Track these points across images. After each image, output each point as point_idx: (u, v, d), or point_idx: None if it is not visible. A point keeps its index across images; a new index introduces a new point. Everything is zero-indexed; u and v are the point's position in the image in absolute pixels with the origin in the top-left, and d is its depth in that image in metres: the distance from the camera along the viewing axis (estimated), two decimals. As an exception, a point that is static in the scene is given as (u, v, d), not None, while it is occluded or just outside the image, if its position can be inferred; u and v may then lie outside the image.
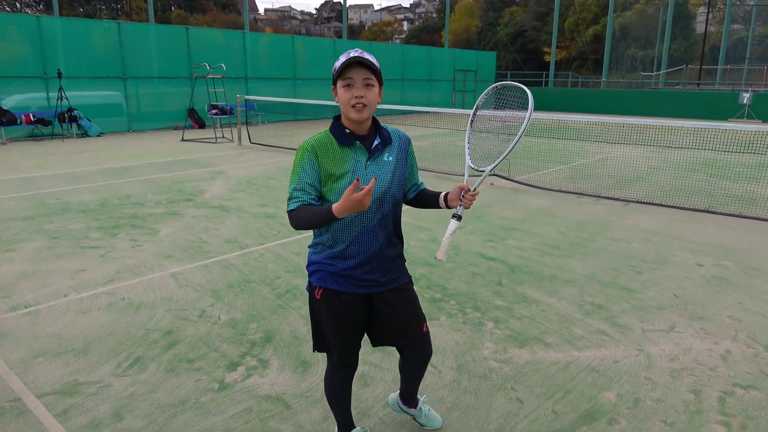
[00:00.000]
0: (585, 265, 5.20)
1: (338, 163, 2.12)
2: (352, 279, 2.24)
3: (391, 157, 2.22)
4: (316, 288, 2.27)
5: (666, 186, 9.02)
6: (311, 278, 2.30)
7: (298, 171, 2.13)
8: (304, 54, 22.56)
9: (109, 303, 4.28)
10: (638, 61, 46.18)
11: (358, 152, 2.16)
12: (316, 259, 2.28)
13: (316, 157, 2.12)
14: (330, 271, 2.24)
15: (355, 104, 2.05)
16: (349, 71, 2.04)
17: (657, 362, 3.45)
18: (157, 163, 11.24)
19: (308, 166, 2.12)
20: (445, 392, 3.12)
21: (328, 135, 2.16)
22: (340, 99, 2.09)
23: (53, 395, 3.05)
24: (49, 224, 6.45)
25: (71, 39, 16.01)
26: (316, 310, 2.33)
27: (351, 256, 2.22)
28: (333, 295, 2.26)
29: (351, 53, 2.03)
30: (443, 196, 2.34)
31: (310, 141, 2.16)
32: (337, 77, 2.07)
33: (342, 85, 2.06)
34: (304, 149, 2.13)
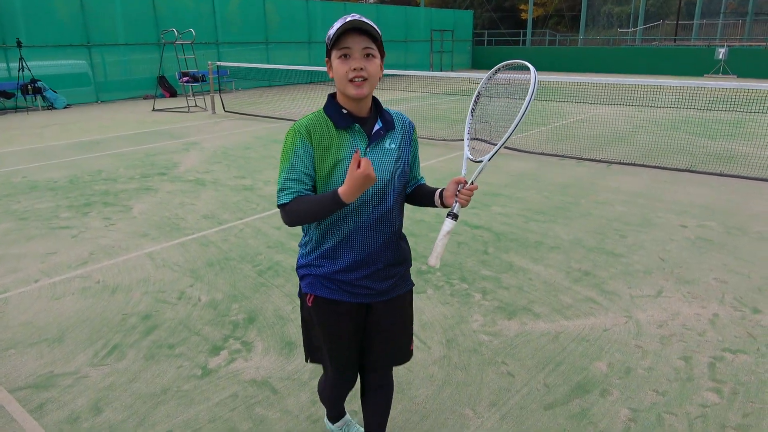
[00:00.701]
0: (570, 230, 5.16)
1: (334, 149, 1.82)
2: (344, 285, 1.94)
3: (394, 144, 1.92)
4: (307, 295, 2.00)
5: (647, 146, 9.00)
6: (302, 283, 2.03)
7: (290, 157, 1.81)
8: (276, 16, 21.83)
9: (83, 287, 4.11)
10: (615, 18, 45.85)
11: (356, 137, 1.85)
12: (304, 262, 2.00)
13: (310, 140, 1.81)
14: (318, 274, 1.95)
15: (353, 78, 1.74)
16: (346, 39, 1.72)
17: (646, 329, 3.43)
18: (127, 135, 10.85)
19: (302, 151, 1.81)
20: (435, 369, 3.06)
21: (323, 115, 1.85)
22: (335, 73, 1.78)
23: (27, 389, 2.92)
24: (17, 204, 6.17)
25: (30, 5, 15.19)
26: (307, 318, 2.07)
27: (340, 256, 1.91)
28: (325, 304, 1.97)
29: (347, 18, 1.72)
30: (439, 193, 1.99)
31: (302, 122, 1.84)
32: (331, 47, 1.76)
33: (337, 56, 1.75)
34: (297, 132, 1.82)
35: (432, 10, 30.33)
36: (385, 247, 1.94)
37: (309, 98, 16.86)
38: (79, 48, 16.37)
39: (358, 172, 1.64)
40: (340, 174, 1.81)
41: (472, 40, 33.18)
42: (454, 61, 30.67)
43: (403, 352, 2.17)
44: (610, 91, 12.25)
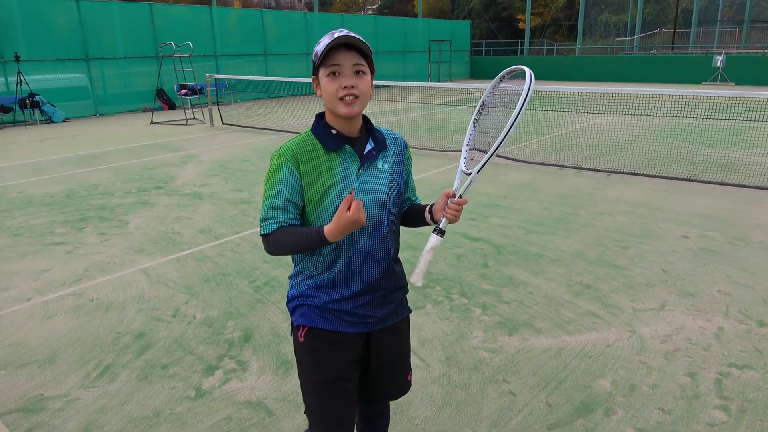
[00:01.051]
0: (570, 242, 5.09)
1: (324, 173, 1.70)
2: (342, 314, 1.80)
3: (387, 165, 1.81)
4: (299, 328, 1.83)
5: (647, 155, 8.95)
6: (293, 317, 1.87)
7: (275, 184, 1.70)
8: (274, 29, 21.91)
9: (77, 305, 4.04)
10: (612, 26, 46.05)
11: (348, 159, 1.74)
12: (296, 293, 1.85)
13: (297, 166, 1.69)
14: (314, 305, 1.80)
15: (344, 96, 1.64)
16: (335, 56, 1.63)
17: (650, 344, 3.36)
18: (125, 148, 10.82)
19: (287, 178, 1.69)
20: (434, 388, 2.98)
21: (311, 138, 1.73)
22: (324, 91, 1.67)
23: (16, 413, 2.84)
24: (11, 220, 6.12)
25: (29, 20, 15.23)
26: (297, 353, 1.89)
27: (337, 286, 1.79)
28: (320, 336, 1.81)
29: (335, 33, 1.62)
30: (429, 208, 1.89)
31: (288, 146, 1.72)
32: (319, 64, 1.66)
33: (326, 74, 1.65)
34: (282, 156, 1.70)
35: (430, 21, 30.46)
36: (384, 272, 1.83)
37: (307, 110, 16.86)
38: (77, 62, 16.40)
39: (348, 215, 1.57)
40: (333, 199, 1.71)
41: (470, 50, 33.31)
42: (453, 72, 30.76)
43: (402, 383, 2.06)
44: (609, 100, 12.24)
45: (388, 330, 1.91)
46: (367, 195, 1.74)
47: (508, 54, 36.63)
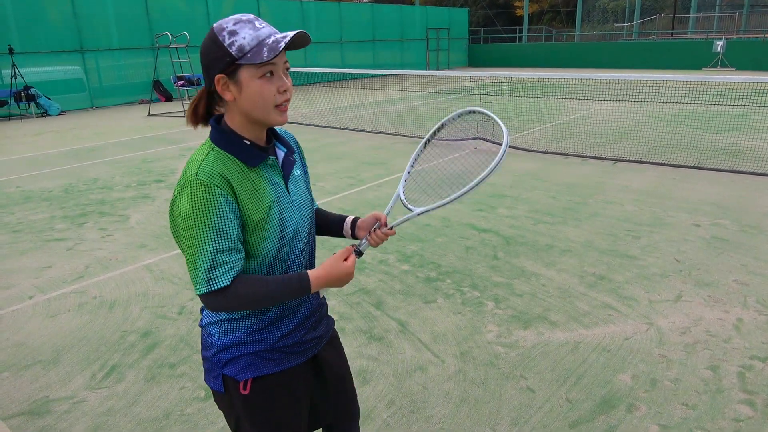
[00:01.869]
0: (581, 232, 5.01)
1: (257, 195, 1.40)
2: (291, 347, 1.55)
3: (299, 171, 1.58)
4: (240, 383, 1.50)
5: (652, 141, 8.85)
6: (226, 371, 1.50)
7: (212, 220, 1.31)
8: (270, 18, 21.64)
9: (80, 303, 3.95)
10: (610, 12, 45.71)
11: (271, 172, 1.46)
12: (228, 342, 1.49)
13: (232, 192, 1.35)
14: (259, 350, 1.50)
15: (281, 103, 1.38)
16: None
17: (669, 336, 3.29)
18: (123, 141, 10.68)
19: (227, 210, 1.33)
20: (450, 385, 2.91)
21: (224, 155, 1.38)
22: (253, 96, 1.34)
23: (21, 416, 2.76)
24: (9, 216, 6.01)
25: (21, 11, 15.00)
26: (245, 411, 1.54)
27: (288, 315, 1.53)
28: (269, 381, 1.53)
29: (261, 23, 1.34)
30: (350, 222, 1.72)
31: (207, 168, 1.33)
32: (242, 62, 1.31)
33: (259, 75, 1.33)
34: (211, 184, 1.31)
35: (427, 9, 30.16)
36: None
37: (306, 100, 16.70)
38: (72, 54, 16.19)
39: (347, 266, 1.45)
40: (275, 223, 1.43)
41: (468, 38, 33.03)
42: (451, 60, 30.52)
43: (355, 400, 1.89)
44: (611, 87, 12.12)
45: (327, 346, 1.74)
46: (301, 209, 1.53)
47: (506, 41, 36.36)
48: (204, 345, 1.55)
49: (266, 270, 1.46)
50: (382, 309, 3.74)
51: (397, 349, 3.26)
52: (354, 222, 1.72)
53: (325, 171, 7.68)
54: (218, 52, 1.32)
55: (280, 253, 1.46)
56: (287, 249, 1.48)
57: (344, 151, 9.00)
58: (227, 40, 1.31)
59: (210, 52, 1.34)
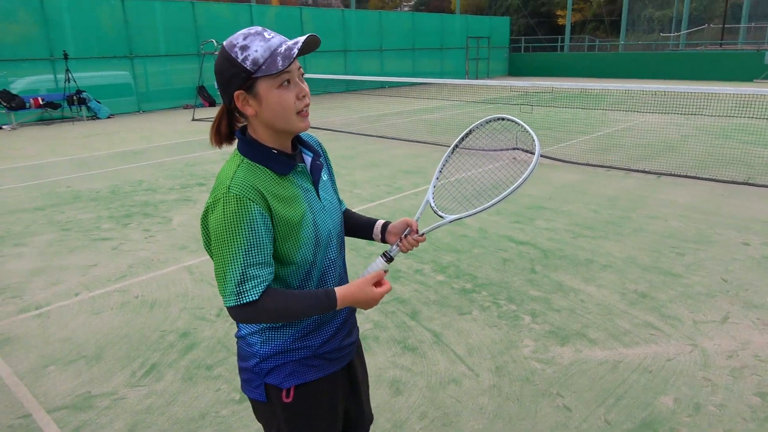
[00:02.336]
0: (622, 247, 4.89)
1: (291, 204, 1.41)
2: (331, 353, 1.57)
3: (326, 175, 1.59)
4: (284, 391, 1.52)
5: (699, 156, 8.57)
6: (269, 379, 1.51)
7: (245, 234, 1.31)
8: (312, 26, 21.97)
9: (122, 302, 4.06)
10: (656, 22, 44.65)
11: (301, 179, 1.47)
12: (270, 351, 1.49)
13: (266, 206, 1.35)
14: (302, 357, 1.52)
15: (302, 109, 1.39)
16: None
17: (714, 360, 3.16)
18: (168, 145, 10.99)
19: (260, 224, 1.34)
20: (485, 400, 2.87)
21: (255, 165, 1.39)
22: (274, 106, 1.35)
23: (65, 410, 2.85)
24: (60, 215, 6.25)
25: (76, 18, 15.65)
26: (287, 419, 1.55)
27: (326, 322, 1.54)
28: (311, 388, 1.55)
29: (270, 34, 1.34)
30: (380, 226, 1.73)
31: (241, 181, 1.34)
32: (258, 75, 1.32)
33: (277, 85, 1.33)
34: (244, 198, 1.32)
35: (468, 17, 30.08)
36: None
37: (345, 107, 16.85)
38: (122, 59, 16.78)
39: (375, 292, 1.46)
40: (309, 231, 1.44)
41: (509, 47, 32.78)
42: (491, 68, 30.33)
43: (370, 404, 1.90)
44: (656, 98, 11.81)
45: (358, 351, 1.77)
46: (332, 214, 1.54)
47: (548, 50, 35.92)
48: (242, 356, 1.55)
49: (303, 276, 1.47)
50: (416, 319, 3.72)
51: (431, 360, 3.24)
52: (384, 227, 1.73)
53: (363, 178, 7.72)
54: (233, 68, 1.33)
55: (316, 259, 1.48)
56: (322, 254, 1.49)
57: (382, 159, 9.03)
58: (240, 55, 1.32)
59: (225, 70, 1.35)
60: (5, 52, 14.50)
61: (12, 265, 4.80)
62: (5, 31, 14.55)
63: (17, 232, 5.68)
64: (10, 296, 4.19)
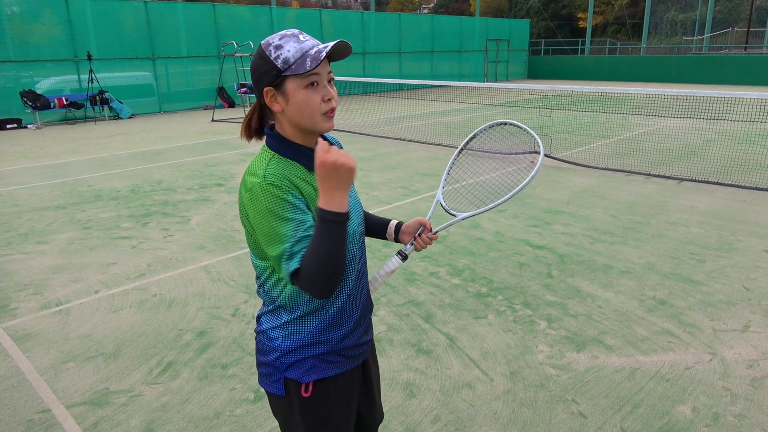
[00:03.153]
0: (641, 253, 4.82)
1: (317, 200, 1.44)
2: (349, 350, 1.59)
3: None
4: (303, 385, 1.53)
5: (722, 161, 8.43)
6: (288, 374, 1.53)
7: (287, 213, 1.34)
8: (331, 28, 22.08)
9: (140, 300, 4.12)
10: (679, 25, 44.04)
11: None
12: (292, 345, 1.52)
13: (300, 193, 1.39)
14: (320, 353, 1.53)
15: (328, 111, 1.43)
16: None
17: (734, 369, 3.11)
18: (188, 145, 11.12)
19: (299, 203, 1.37)
20: (499, 405, 2.85)
21: (285, 160, 1.43)
22: (301, 105, 1.39)
23: (83, 406, 2.90)
24: (81, 213, 6.36)
25: (100, 20, 15.93)
26: (303, 415, 1.57)
27: (346, 317, 1.56)
28: (329, 384, 1.57)
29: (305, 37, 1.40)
30: (394, 226, 1.77)
31: (274, 170, 1.38)
32: (287, 74, 1.37)
33: (304, 85, 1.38)
34: (278, 186, 1.35)
35: (488, 20, 29.96)
36: (368, 290, 1.70)
37: (363, 109, 16.90)
38: (144, 60, 17.03)
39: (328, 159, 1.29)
40: None
41: (529, 50, 32.58)
42: (510, 71, 30.18)
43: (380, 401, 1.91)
44: (678, 103, 11.64)
45: (372, 350, 1.79)
46: (355, 210, 1.57)
47: (568, 53, 35.62)
48: (262, 350, 1.57)
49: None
50: (431, 322, 3.71)
51: (445, 364, 3.23)
52: (398, 227, 1.78)
53: (379, 180, 7.73)
54: (265, 66, 1.39)
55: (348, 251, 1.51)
56: (349, 250, 1.52)
57: (399, 161, 9.03)
58: (273, 54, 1.38)
59: (258, 67, 1.41)
60: (31, 53, 14.82)
61: (35, 262, 4.89)
62: (32, 32, 14.88)
63: (40, 229, 5.79)
64: (32, 293, 4.27)
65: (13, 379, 3.15)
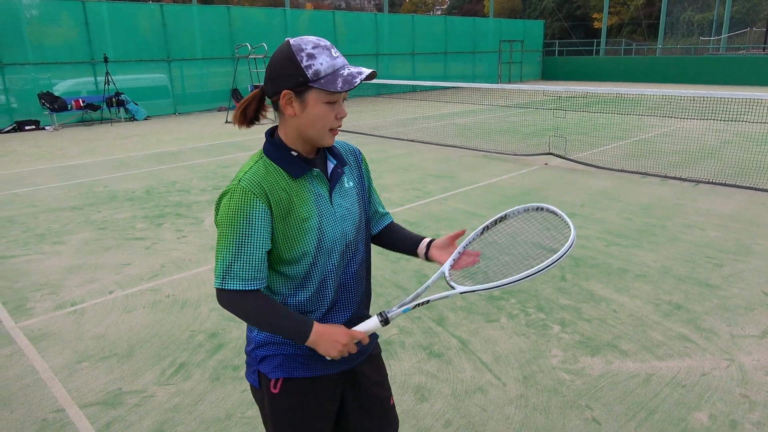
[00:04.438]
0: (657, 257, 4.76)
1: (297, 206, 1.46)
2: (319, 355, 1.56)
3: (351, 182, 1.62)
4: (272, 381, 1.57)
5: (739, 163, 8.30)
6: (261, 367, 1.58)
7: (240, 230, 1.41)
8: (344, 29, 22.13)
9: (154, 301, 4.15)
10: (695, 25, 43.50)
11: (315, 183, 1.51)
12: (263, 339, 1.57)
13: (268, 204, 1.43)
14: (291, 353, 1.56)
15: (336, 127, 1.48)
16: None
17: (752, 375, 3.05)
18: (202, 146, 11.20)
19: (259, 222, 1.42)
20: (511, 410, 2.82)
21: (271, 165, 1.47)
22: (312, 117, 1.43)
23: (96, 406, 2.92)
24: (97, 214, 6.42)
25: (116, 23, 16.11)
26: (271, 410, 1.61)
27: (323, 322, 1.57)
28: (298, 385, 1.58)
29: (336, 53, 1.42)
30: (426, 245, 1.72)
31: (250, 177, 1.43)
32: (314, 85, 1.40)
33: (325, 100, 1.42)
34: (248, 192, 1.40)
35: (501, 21, 29.84)
36: (363, 299, 1.68)
37: (376, 111, 16.90)
38: (160, 63, 17.18)
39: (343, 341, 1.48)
40: (312, 234, 1.48)
41: (543, 51, 32.39)
42: (524, 72, 30.02)
43: (393, 416, 1.82)
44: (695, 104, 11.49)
45: (371, 360, 1.74)
46: (345, 221, 1.56)
47: (583, 54, 35.35)
48: (247, 339, 1.65)
49: (303, 275, 1.52)
50: (443, 325, 3.69)
51: (457, 367, 3.21)
52: (429, 245, 1.72)
53: (392, 182, 7.72)
54: (293, 69, 1.40)
55: (317, 261, 1.51)
56: (324, 258, 1.52)
57: (411, 163, 9.01)
58: (305, 61, 1.39)
59: (283, 67, 1.42)
60: (49, 55, 15.02)
61: (51, 262, 4.95)
62: (50, 35, 15.09)
63: (56, 230, 5.86)
64: (48, 293, 4.32)
65: (29, 378, 3.18)
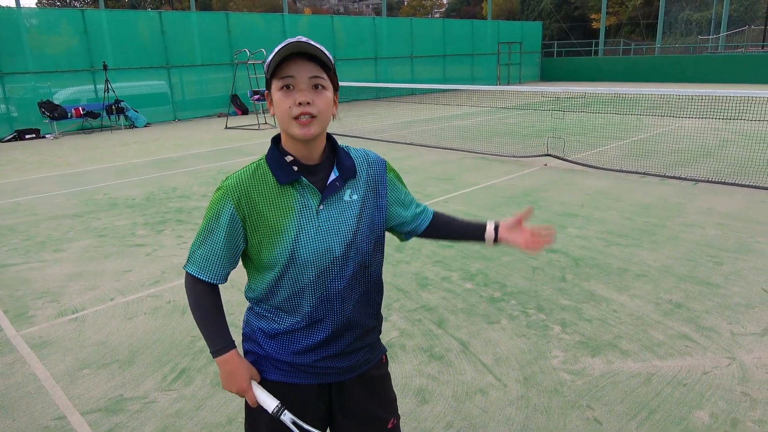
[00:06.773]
0: (657, 256, 4.76)
1: (277, 213, 1.43)
2: (301, 366, 1.54)
3: (356, 195, 1.51)
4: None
5: (739, 161, 8.30)
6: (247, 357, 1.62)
7: (212, 229, 1.47)
8: (343, 34, 22.20)
9: (155, 307, 4.16)
10: (694, 24, 43.54)
11: (305, 193, 1.45)
12: (247, 332, 1.62)
13: (238, 208, 1.44)
14: (268, 354, 1.55)
15: (298, 115, 1.37)
16: (289, 67, 1.37)
17: (753, 373, 3.05)
18: (202, 153, 11.23)
19: (225, 224, 1.45)
20: (512, 411, 2.82)
21: (263, 168, 1.47)
22: (276, 108, 1.41)
23: (98, 413, 2.92)
24: (97, 221, 6.44)
25: (115, 31, 16.17)
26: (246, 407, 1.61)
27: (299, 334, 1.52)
28: (273, 388, 1.54)
29: (290, 40, 1.36)
30: (492, 228, 1.66)
31: (235, 179, 1.46)
32: (270, 76, 1.40)
33: (279, 87, 1.39)
34: (225, 194, 1.45)
35: (500, 23, 29.91)
36: (350, 320, 1.54)
37: (375, 114, 16.94)
38: (159, 69, 17.24)
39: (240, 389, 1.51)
40: (287, 242, 1.43)
41: (541, 52, 32.43)
42: (522, 74, 30.06)
43: (391, 408, 1.73)
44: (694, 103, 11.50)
45: (362, 377, 1.63)
46: (329, 234, 1.46)
47: (582, 55, 35.39)
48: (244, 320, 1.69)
49: (272, 282, 1.49)
50: (443, 327, 3.69)
51: (458, 369, 3.21)
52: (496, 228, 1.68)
53: (392, 185, 7.72)
54: (265, 70, 1.47)
55: (286, 273, 1.46)
56: (296, 272, 1.46)
57: (411, 166, 9.02)
58: (269, 59, 1.42)
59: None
60: (49, 64, 15.08)
61: (52, 269, 4.96)
62: (49, 44, 15.15)
63: (57, 237, 5.87)
64: (49, 300, 4.33)
65: (31, 386, 3.19)
